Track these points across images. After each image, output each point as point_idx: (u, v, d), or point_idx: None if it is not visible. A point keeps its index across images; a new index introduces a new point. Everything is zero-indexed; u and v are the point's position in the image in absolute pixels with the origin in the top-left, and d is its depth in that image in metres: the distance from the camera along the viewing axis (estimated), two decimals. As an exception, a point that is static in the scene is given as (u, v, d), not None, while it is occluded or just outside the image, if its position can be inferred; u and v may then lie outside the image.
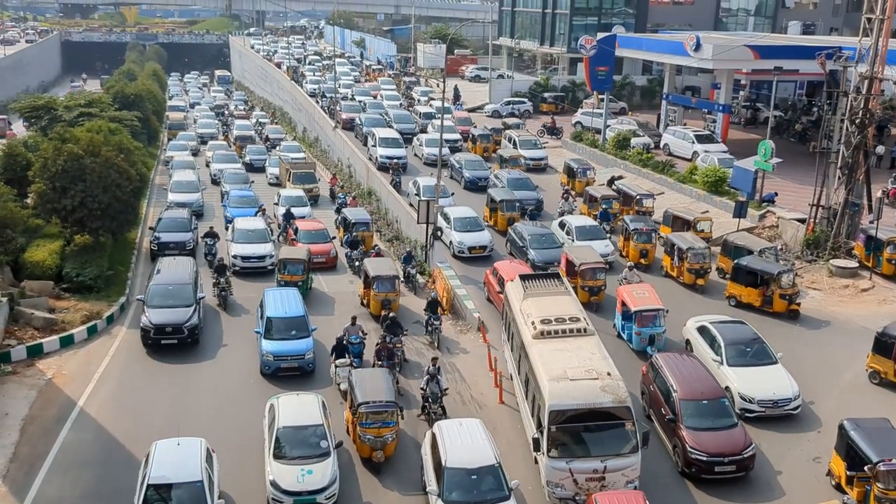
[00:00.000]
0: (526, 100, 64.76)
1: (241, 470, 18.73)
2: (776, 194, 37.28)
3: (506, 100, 64.48)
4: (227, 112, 74.80)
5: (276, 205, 39.56)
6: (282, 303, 25.13)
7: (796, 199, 36.60)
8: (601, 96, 53.39)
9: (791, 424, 21.24)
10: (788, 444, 20.42)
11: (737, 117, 56.72)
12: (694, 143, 46.36)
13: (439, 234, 32.64)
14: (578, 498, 17.35)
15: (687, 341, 24.66)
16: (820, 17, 79.06)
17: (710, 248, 30.62)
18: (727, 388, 21.28)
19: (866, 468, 17.07)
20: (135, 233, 35.86)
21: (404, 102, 66.19)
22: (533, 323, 20.54)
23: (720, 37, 55.05)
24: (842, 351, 25.30)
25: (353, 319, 24.68)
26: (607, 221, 35.30)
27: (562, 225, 34.07)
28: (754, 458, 18.87)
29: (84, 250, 30.51)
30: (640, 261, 31.58)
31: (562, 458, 17.42)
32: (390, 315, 25.10)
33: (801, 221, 33.79)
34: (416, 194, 37.72)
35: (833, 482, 18.51)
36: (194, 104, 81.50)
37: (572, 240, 32.38)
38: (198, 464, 16.74)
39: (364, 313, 27.66)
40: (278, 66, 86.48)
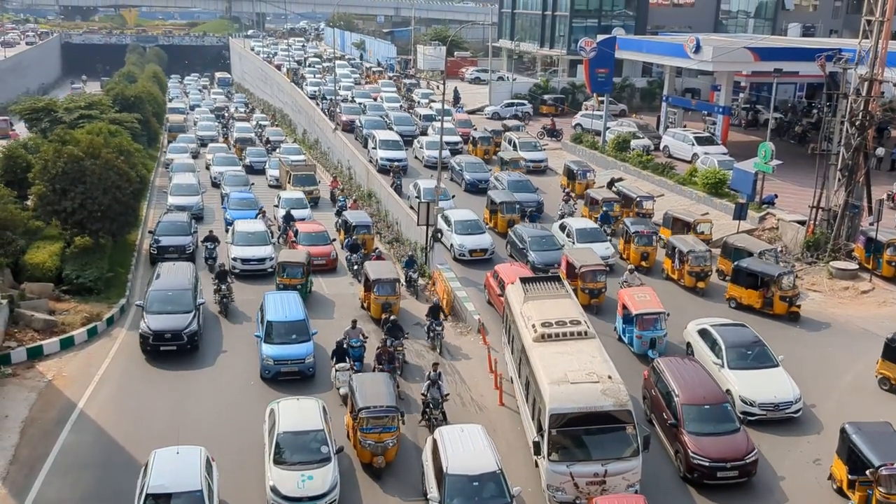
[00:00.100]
0: (526, 102, 64.75)
1: (241, 476, 18.63)
2: (776, 196, 37.28)
3: (506, 101, 64.47)
4: (228, 114, 74.77)
5: (276, 207, 39.50)
6: (282, 306, 24.97)
7: (796, 201, 36.61)
8: (601, 98, 53.39)
9: (791, 427, 21.19)
10: (788, 447, 20.38)
11: (737, 119, 56.73)
12: (694, 145, 46.31)
13: (439, 235, 32.63)
14: (579, 502, 17.31)
15: (688, 344, 24.60)
16: (820, 19, 79.16)
17: (710, 250, 30.60)
18: (728, 391, 21.21)
19: (868, 472, 17.02)
20: (135, 235, 35.81)
21: (404, 104, 66.13)
22: (533, 326, 20.51)
23: (720, 39, 54.99)
24: (842, 353, 25.31)
25: (354, 323, 24.56)
26: (608, 224, 35.28)
27: (562, 227, 34.08)
28: (757, 463, 18.74)
29: (84, 252, 30.50)
30: (642, 263, 31.53)
31: (562, 462, 17.37)
32: (391, 318, 24.97)
33: (801, 223, 33.80)
34: (416, 197, 37.67)
35: (834, 486, 18.46)
36: (194, 106, 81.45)
37: (573, 242, 32.36)
38: (197, 473, 16.57)
39: (364, 316, 27.61)
40: (278, 68, 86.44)
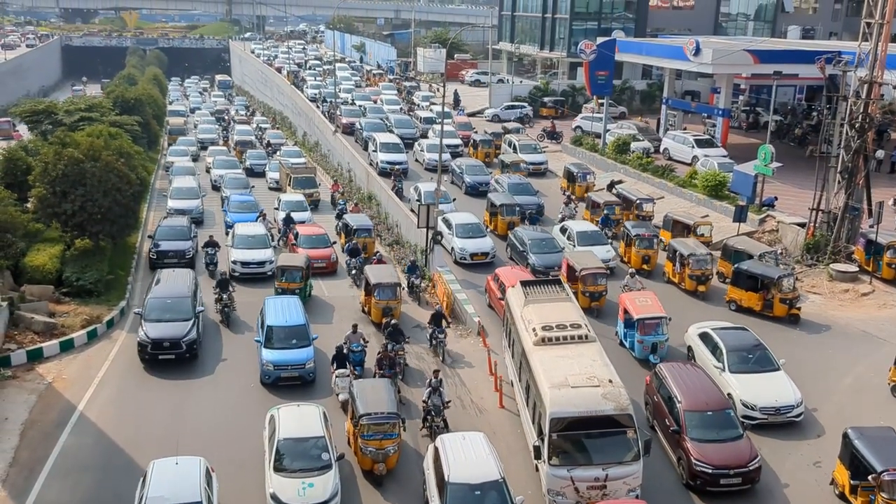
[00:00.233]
0: (526, 104, 64.77)
1: (241, 483, 18.47)
2: (776, 198, 37.27)
3: (506, 104, 64.47)
4: (228, 117, 74.77)
5: (277, 209, 39.47)
6: (282, 311, 24.82)
7: (796, 203, 36.59)
8: (601, 101, 53.42)
9: (792, 430, 21.13)
10: (789, 450, 20.33)
11: (737, 122, 56.74)
12: (694, 147, 46.35)
13: (439, 238, 32.61)
14: (580, 506, 17.23)
15: (689, 348, 24.55)
16: (819, 21, 79.18)
17: (711, 253, 30.56)
18: (729, 394, 21.15)
19: (870, 478, 16.95)
20: (135, 237, 35.79)
21: (405, 107, 66.10)
22: (534, 329, 20.42)
23: (720, 41, 55.01)
24: (842, 355, 25.30)
25: (355, 327, 24.40)
26: (609, 227, 35.26)
27: (563, 230, 34.07)
28: (760, 470, 18.55)
29: (84, 254, 30.47)
30: (643, 267, 31.49)
31: (563, 466, 17.29)
32: (392, 322, 24.80)
33: (801, 226, 33.80)
34: (417, 200, 37.64)
35: (837, 491, 18.37)
36: (194, 109, 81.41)
37: (574, 245, 32.35)
38: (196, 484, 16.31)
39: (365, 320, 27.52)
40: (279, 70, 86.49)
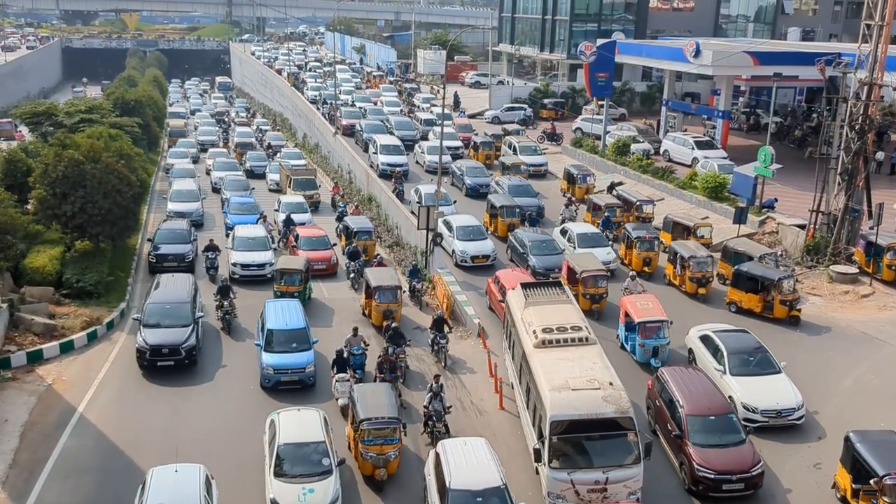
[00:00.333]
0: (526, 106, 64.78)
1: (241, 489, 18.39)
2: (776, 200, 37.24)
3: (506, 105, 64.45)
4: (228, 119, 74.78)
5: (277, 211, 39.46)
6: (283, 315, 24.67)
7: (796, 204, 36.57)
8: (601, 102, 53.43)
9: (793, 432, 21.10)
10: (790, 453, 20.30)
11: (737, 123, 56.75)
12: (694, 149, 46.35)
13: (439, 240, 32.59)
14: (580, 509, 17.18)
15: (690, 350, 24.50)
16: (819, 23, 79.22)
17: (712, 256, 30.54)
18: (730, 397, 21.11)
19: (872, 482, 16.90)
20: (135, 239, 35.76)
21: (405, 109, 66.10)
22: (534, 332, 20.38)
23: (720, 43, 55.01)
24: (842, 357, 25.29)
25: (355, 330, 24.27)
26: (610, 229, 35.25)
27: (563, 232, 34.05)
28: (763, 475, 18.46)
29: (84, 256, 30.45)
30: (644, 269, 31.49)
31: (563, 469, 17.24)
32: (392, 325, 24.71)
33: (801, 227, 33.79)
34: (418, 202, 37.61)
35: (838, 495, 18.29)
36: (195, 111, 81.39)
37: (574, 247, 32.33)
38: (196, 492, 16.15)
39: (365, 322, 27.47)
40: (279, 72, 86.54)
